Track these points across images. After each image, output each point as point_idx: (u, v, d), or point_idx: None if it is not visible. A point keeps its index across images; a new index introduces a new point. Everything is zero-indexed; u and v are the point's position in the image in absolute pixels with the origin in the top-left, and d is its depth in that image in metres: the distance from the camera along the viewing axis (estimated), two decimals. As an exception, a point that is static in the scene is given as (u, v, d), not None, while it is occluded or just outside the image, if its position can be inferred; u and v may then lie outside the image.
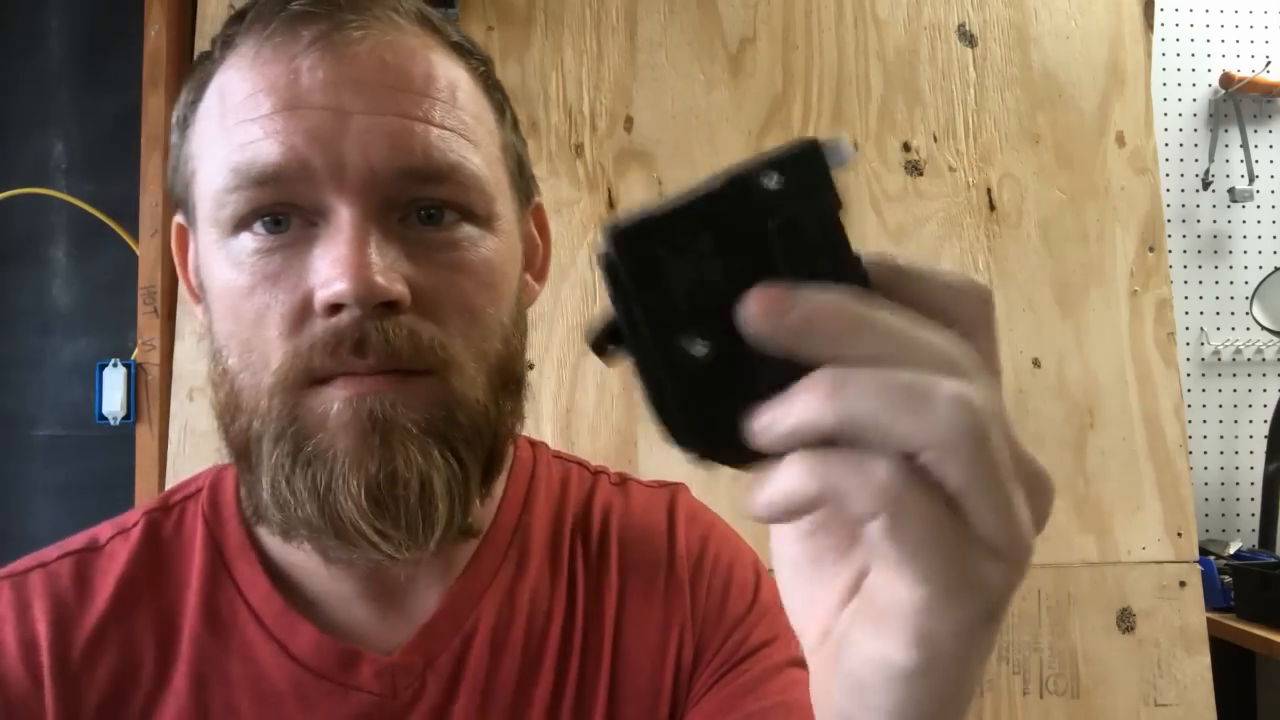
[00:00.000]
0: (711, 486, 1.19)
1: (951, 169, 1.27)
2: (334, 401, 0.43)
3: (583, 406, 1.19)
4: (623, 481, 0.60)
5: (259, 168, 0.43)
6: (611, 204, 1.23)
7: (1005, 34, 1.31)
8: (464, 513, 0.46)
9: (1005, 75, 1.30)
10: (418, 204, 0.45)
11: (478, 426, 0.46)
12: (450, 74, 0.47)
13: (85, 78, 1.36)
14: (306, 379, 0.43)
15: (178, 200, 0.50)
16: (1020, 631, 1.17)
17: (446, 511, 0.44)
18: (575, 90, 1.26)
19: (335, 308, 0.42)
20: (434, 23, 0.48)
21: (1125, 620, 1.18)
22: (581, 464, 0.61)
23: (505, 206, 0.49)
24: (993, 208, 1.27)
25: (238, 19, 0.46)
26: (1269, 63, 1.84)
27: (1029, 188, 1.28)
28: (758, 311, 0.24)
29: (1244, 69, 1.83)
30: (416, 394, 0.44)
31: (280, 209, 0.43)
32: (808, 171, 0.25)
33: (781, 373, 0.24)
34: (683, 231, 0.25)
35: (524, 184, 0.53)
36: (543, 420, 1.18)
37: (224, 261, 0.45)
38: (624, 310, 0.25)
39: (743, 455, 0.25)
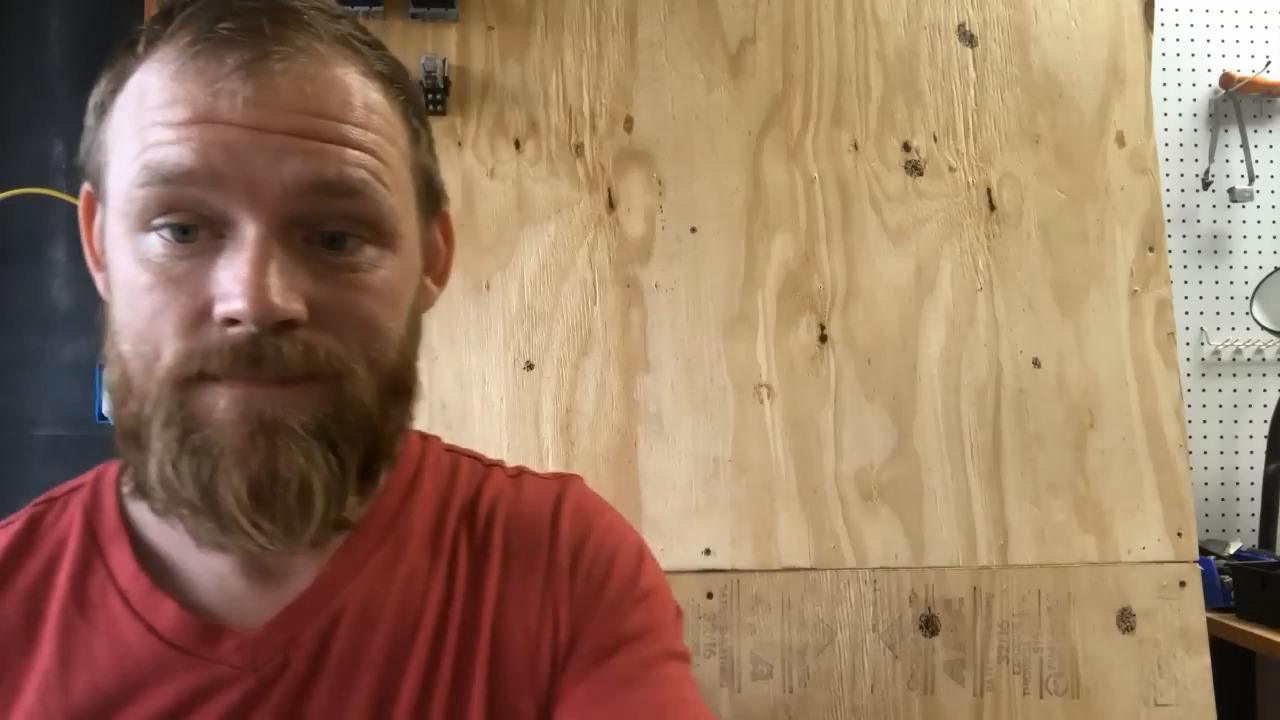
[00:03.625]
0: (711, 485, 1.19)
1: (951, 169, 1.27)
2: (221, 398, 0.45)
3: (583, 407, 1.19)
4: (519, 474, 0.62)
5: (169, 167, 0.44)
6: (611, 204, 1.23)
7: (1005, 34, 1.31)
8: (339, 508, 0.48)
9: (1005, 75, 1.30)
10: (325, 222, 0.46)
11: (363, 428, 0.48)
12: (367, 99, 0.48)
13: (85, 78, 1.35)
14: (197, 376, 0.45)
15: (89, 179, 0.52)
16: (1020, 631, 1.17)
17: (323, 509, 0.46)
18: (575, 90, 1.26)
19: (232, 321, 0.44)
20: (357, 48, 0.49)
21: (1125, 620, 1.18)
22: (475, 457, 0.63)
23: (409, 225, 0.51)
24: (993, 208, 1.27)
25: (165, 17, 0.47)
26: (1269, 63, 1.84)
27: (1029, 188, 1.28)
28: None
29: (1244, 69, 1.83)
30: (307, 397, 0.46)
31: (188, 217, 0.45)
32: None
33: None
34: None
35: (431, 200, 0.55)
36: (543, 420, 1.18)
37: (129, 256, 0.46)
38: None
39: None
